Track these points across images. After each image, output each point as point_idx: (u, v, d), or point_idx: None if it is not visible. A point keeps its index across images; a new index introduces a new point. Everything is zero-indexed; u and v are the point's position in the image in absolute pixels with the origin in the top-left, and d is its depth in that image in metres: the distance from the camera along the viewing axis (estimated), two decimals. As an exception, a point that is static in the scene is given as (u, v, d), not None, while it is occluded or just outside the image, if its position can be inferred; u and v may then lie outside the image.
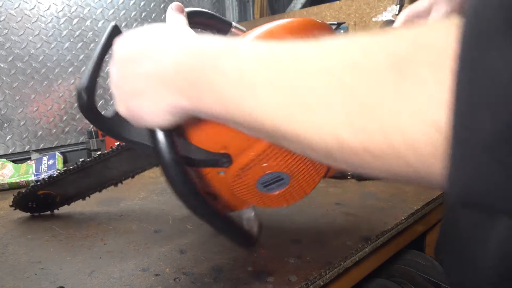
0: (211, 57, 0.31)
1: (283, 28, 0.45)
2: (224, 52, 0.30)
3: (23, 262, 0.55)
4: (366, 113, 0.21)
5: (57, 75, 1.20)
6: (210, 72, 0.30)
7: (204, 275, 0.48)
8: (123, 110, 0.39)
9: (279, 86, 0.26)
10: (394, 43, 0.22)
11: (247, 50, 0.29)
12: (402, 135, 0.20)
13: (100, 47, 0.42)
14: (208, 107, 0.31)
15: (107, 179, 0.68)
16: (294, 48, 0.27)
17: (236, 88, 0.28)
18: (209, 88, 0.30)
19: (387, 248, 0.62)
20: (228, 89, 0.29)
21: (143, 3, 1.38)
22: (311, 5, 1.33)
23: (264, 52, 0.28)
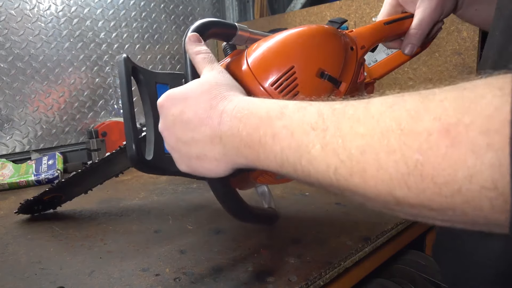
0: (263, 120, 0.32)
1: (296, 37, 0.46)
2: (277, 115, 0.32)
3: (23, 262, 0.55)
4: (422, 177, 0.22)
5: (57, 75, 1.20)
6: (264, 135, 0.32)
7: (204, 275, 0.48)
8: (184, 167, 0.41)
9: (332, 149, 0.27)
10: (440, 106, 0.22)
11: (295, 112, 0.31)
12: (459, 194, 0.21)
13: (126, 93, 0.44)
14: (265, 165, 0.33)
15: (111, 173, 0.69)
16: (340, 112, 0.28)
17: (290, 150, 0.30)
18: (264, 150, 0.32)
19: (387, 248, 0.62)
20: (283, 151, 0.30)
21: (143, 3, 1.38)
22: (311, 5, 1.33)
23: (313, 115, 0.29)
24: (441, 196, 0.22)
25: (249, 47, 0.49)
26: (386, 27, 0.56)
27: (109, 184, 0.80)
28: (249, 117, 0.34)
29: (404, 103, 0.24)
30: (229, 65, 0.49)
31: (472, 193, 0.20)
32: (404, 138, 0.23)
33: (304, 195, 0.77)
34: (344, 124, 0.27)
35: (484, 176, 0.20)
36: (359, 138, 0.25)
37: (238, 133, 0.34)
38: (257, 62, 0.45)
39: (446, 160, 0.21)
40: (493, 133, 0.19)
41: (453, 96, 0.22)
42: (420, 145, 0.22)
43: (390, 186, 0.24)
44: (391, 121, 0.24)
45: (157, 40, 1.43)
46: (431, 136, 0.22)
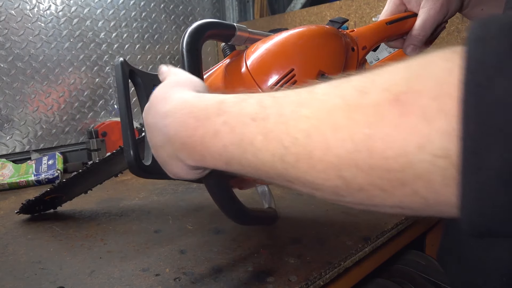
0: (201, 120, 0.31)
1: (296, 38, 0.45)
2: (216, 112, 0.30)
3: (23, 262, 0.55)
4: (370, 152, 0.21)
5: (57, 75, 1.20)
6: (205, 135, 0.31)
7: (204, 275, 0.48)
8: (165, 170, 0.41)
9: (276, 138, 0.25)
10: (389, 77, 0.21)
11: (234, 106, 0.29)
12: (410, 168, 0.20)
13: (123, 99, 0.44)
14: (213, 165, 0.32)
15: (111, 173, 0.69)
16: (282, 99, 0.27)
17: (233, 146, 0.28)
18: (207, 150, 0.31)
19: (387, 248, 0.62)
20: (226, 148, 0.29)
21: (143, 3, 1.38)
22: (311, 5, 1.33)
23: (252, 105, 0.28)
24: (391, 172, 0.20)
25: (248, 49, 0.48)
26: (388, 27, 0.56)
27: (109, 184, 0.80)
28: (188, 118, 0.32)
29: (350, 81, 0.23)
30: (228, 66, 0.49)
31: (423, 164, 0.19)
32: (351, 113, 0.22)
33: (304, 195, 0.77)
34: (286, 109, 0.26)
35: (436, 144, 0.19)
36: (303, 120, 0.24)
37: (180, 136, 0.33)
38: (256, 64, 0.45)
39: (397, 130, 0.20)
40: (446, 98, 0.18)
41: (402, 66, 0.21)
42: (368, 118, 0.21)
43: (338, 168, 0.22)
44: (337, 98, 0.23)
45: (157, 40, 1.43)
46: (379, 107, 0.21)
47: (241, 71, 0.46)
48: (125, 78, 0.44)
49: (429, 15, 0.54)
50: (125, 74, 0.45)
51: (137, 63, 1.39)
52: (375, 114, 0.21)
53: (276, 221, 0.57)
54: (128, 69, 0.46)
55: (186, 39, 0.43)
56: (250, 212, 0.47)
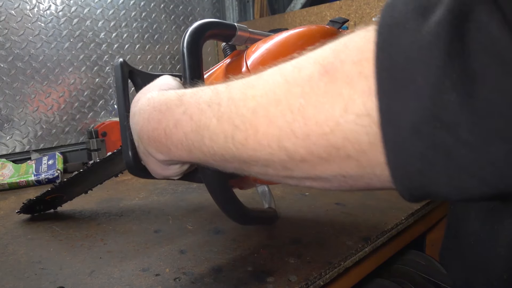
0: (164, 112, 0.33)
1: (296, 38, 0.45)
2: (176, 103, 0.32)
3: (23, 262, 0.55)
4: (304, 119, 0.23)
5: (57, 75, 1.20)
6: (167, 126, 0.33)
7: (204, 275, 0.48)
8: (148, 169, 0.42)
9: (227, 119, 0.27)
10: (320, 52, 0.24)
11: (192, 96, 0.32)
12: (339, 130, 0.21)
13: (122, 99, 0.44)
14: (178, 156, 0.34)
15: (112, 173, 0.69)
16: (233, 84, 0.29)
17: (193, 133, 0.30)
18: (170, 141, 0.33)
19: (387, 248, 0.62)
20: (187, 136, 0.31)
21: (143, 3, 1.38)
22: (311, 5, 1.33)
23: (208, 93, 0.30)
24: (324, 136, 0.22)
25: (249, 49, 0.48)
26: None
27: (109, 184, 0.80)
28: (151, 113, 0.34)
29: (290, 61, 0.26)
30: (228, 66, 0.49)
31: (350, 125, 0.21)
32: (288, 86, 0.24)
33: (304, 195, 0.77)
34: (236, 92, 0.28)
35: (358, 104, 0.20)
36: (250, 100, 0.26)
37: (146, 131, 0.35)
38: (257, 64, 0.45)
39: (325, 97, 0.22)
40: (364, 61, 0.20)
41: (333, 43, 0.24)
42: (303, 89, 0.23)
43: (279, 139, 0.24)
44: (278, 76, 0.25)
45: (157, 40, 1.43)
46: (312, 78, 0.23)
47: (242, 71, 0.46)
48: (124, 78, 0.45)
49: None
50: (125, 74, 0.45)
51: (137, 63, 1.39)
52: (308, 85, 0.23)
53: (276, 221, 0.57)
54: (128, 70, 0.46)
55: (186, 39, 0.43)
56: (250, 212, 0.47)
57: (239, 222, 0.48)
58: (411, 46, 0.18)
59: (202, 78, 0.43)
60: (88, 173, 0.68)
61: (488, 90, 0.17)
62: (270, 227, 0.61)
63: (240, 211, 0.45)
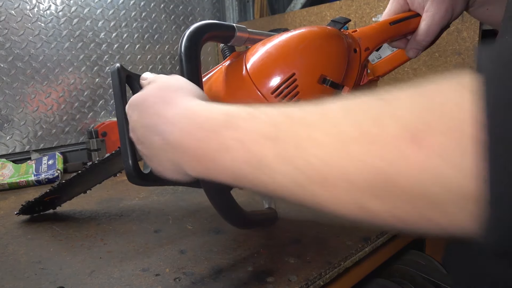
0: (212, 132, 0.30)
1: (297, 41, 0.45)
2: (225, 125, 0.30)
3: (23, 262, 0.55)
4: (388, 183, 0.21)
5: (57, 75, 1.20)
6: (210, 147, 0.30)
7: (204, 275, 0.48)
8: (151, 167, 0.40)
9: (290, 160, 0.25)
10: (405, 110, 0.21)
11: (245, 121, 0.29)
12: (429, 203, 0.20)
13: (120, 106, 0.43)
14: (217, 177, 0.31)
15: (110, 172, 0.69)
16: (295, 119, 0.26)
17: (243, 162, 0.28)
18: (213, 163, 0.30)
19: (387, 248, 0.62)
20: (234, 163, 0.28)
21: (143, 3, 1.38)
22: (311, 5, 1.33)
23: (265, 123, 0.27)
24: (414, 208, 0.21)
25: (248, 51, 0.47)
26: (392, 27, 0.54)
27: (109, 184, 0.80)
28: (194, 129, 0.32)
29: (364, 108, 0.23)
30: (227, 69, 0.48)
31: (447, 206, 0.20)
32: (367, 144, 0.22)
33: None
34: (299, 131, 0.25)
35: (460, 186, 0.19)
36: (317, 146, 0.24)
37: (182, 145, 0.33)
38: (257, 68, 0.44)
39: (415, 169, 0.20)
40: (461, 135, 0.19)
41: (412, 95, 0.22)
42: (384, 151, 0.21)
43: (357, 198, 0.23)
44: (352, 127, 0.23)
45: (157, 40, 1.43)
46: (397, 142, 0.21)
47: (241, 75, 0.45)
48: (122, 84, 0.44)
49: (433, 20, 0.53)
50: (122, 80, 0.44)
51: (137, 63, 1.39)
52: (392, 148, 0.21)
53: (276, 221, 0.56)
54: (125, 75, 0.45)
55: (184, 44, 0.42)
56: (249, 216, 0.46)
57: (238, 227, 0.47)
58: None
59: (200, 84, 0.43)
60: (88, 174, 0.68)
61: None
62: (270, 227, 0.61)
63: (239, 215, 0.45)
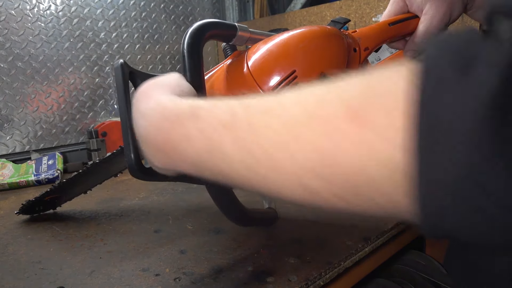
0: (176, 123, 0.32)
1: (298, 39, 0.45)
2: (188, 116, 0.31)
3: (23, 262, 0.55)
4: (329, 162, 0.22)
5: (57, 75, 1.20)
6: (174, 138, 0.32)
7: (204, 275, 0.48)
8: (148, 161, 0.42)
9: (245, 146, 0.26)
10: (348, 91, 0.23)
11: (207, 111, 0.30)
12: (366, 179, 0.21)
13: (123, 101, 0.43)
14: (181, 168, 0.33)
15: (111, 173, 0.69)
16: (252, 108, 0.28)
17: (203, 150, 0.29)
18: (175, 153, 0.32)
19: (387, 248, 0.62)
20: (196, 152, 0.30)
21: (143, 3, 1.38)
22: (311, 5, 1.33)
23: (224, 113, 0.29)
24: (349, 182, 0.22)
25: (250, 49, 0.48)
26: (391, 28, 0.55)
27: (109, 184, 0.80)
28: (161, 121, 0.33)
29: (311, 91, 0.24)
30: (229, 67, 0.48)
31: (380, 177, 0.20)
32: (310, 123, 0.23)
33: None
34: (255, 118, 0.27)
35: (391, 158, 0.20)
36: (268, 130, 0.25)
37: (149, 137, 0.34)
38: (258, 65, 0.45)
39: (354, 143, 0.21)
40: (398, 113, 0.20)
41: (360, 79, 0.23)
42: (326, 128, 0.22)
43: (300, 176, 0.23)
44: (299, 108, 0.24)
45: (157, 40, 1.43)
46: (337, 118, 0.22)
47: (243, 72, 0.45)
48: (125, 80, 0.44)
49: (431, 23, 0.53)
50: (125, 76, 0.45)
51: (137, 63, 1.39)
52: (334, 127, 0.22)
53: (276, 221, 0.56)
54: (128, 71, 0.46)
55: (187, 41, 0.43)
56: (250, 213, 0.47)
57: (239, 224, 0.48)
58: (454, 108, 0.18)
59: (202, 80, 0.43)
60: (88, 173, 0.68)
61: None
62: (270, 227, 0.61)
63: (240, 213, 0.45)
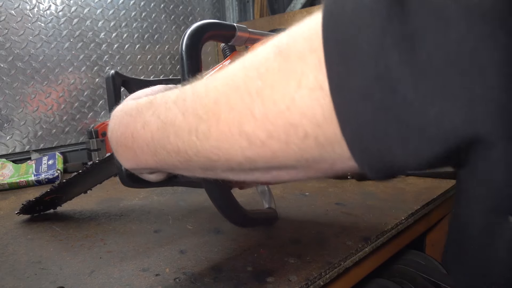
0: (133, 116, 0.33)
1: None
2: (146, 106, 0.33)
3: (23, 262, 0.55)
4: (262, 100, 0.23)
5: (57, 75, 1.20)
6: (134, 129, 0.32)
7: (204, 275, 0.48)
8: None
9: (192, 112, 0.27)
10: (277, 36, 0.24)
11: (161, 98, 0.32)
12: (295, 107, 0.22)
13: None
14: (144, 161, 0.33)
15: (111, 173, 0.69)
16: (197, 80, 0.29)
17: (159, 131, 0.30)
18: (137, 144, 0.32)
19: (387, 248, 0.62)
20: (153, 136, 0.31)
21: (143, 3, 1.38)
22: (311, 5, 1.33)
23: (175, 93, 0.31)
24: (280, 114, 0.22)
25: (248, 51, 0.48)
26: None
27: (109, 184, 0.80)
28: (122, 117, 0.35)
29: (252, 51, 0.26)
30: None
31: (303, 99, 0.21)
32: (246, 71, 0.25)
33: (304, 195, 0.77)
34: (200, 86, 0.28)
35: (310, 78, 0.21)
36: (212, 90, 0.27)
37: (115, 136, 0.35)
38: None
39: (279, 74, 0.22)
40: (314, 35, 0.21)
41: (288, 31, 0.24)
42: (259, 70, 0.23)
43: (240, 123, 0.24)
44: (238, 64, 0.26)
45: (157, 40, 1.43)
46: (267, 59, 0.23)
47: None
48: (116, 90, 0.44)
49: None
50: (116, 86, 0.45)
51: (137, 63, 1.39)
52: (264, 66, 0.23)
53: (276, 221, 0.56)
54: (121, 80, 0.45)
55: (185, 42, 0.42)
56: (249, 214, 0.47)
57: (238, 225, 0.48)
58: (353, 13, 0.19)
59: None
60: (88, 173, 0.68)
61: (426, 47, 0.17)
62: (270, 227, 0.61)
63: (239, 214, 0.45)
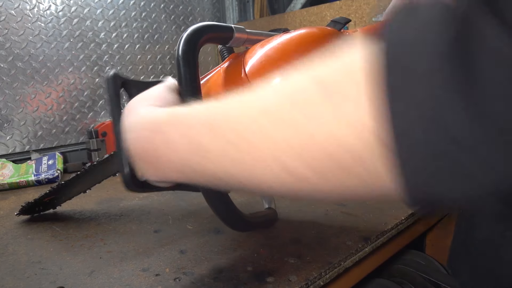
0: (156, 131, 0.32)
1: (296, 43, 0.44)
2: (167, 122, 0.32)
3: (23, 262, 0.55)
4: (303, 134, 0.23)
5: (57, 75, 1.20)
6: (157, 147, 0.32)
7: (204, 275, 0.48)
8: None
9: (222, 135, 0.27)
10: (316, 70, 0.24)
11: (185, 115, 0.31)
12: (340, 145, 0.21)
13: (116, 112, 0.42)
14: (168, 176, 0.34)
15: (110, 172, 0.69)
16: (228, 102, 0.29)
17: (185, 151, 0.30)
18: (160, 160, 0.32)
19: (387, 248, 0.62)
20: (178, 155, 0.30)
21: (143, 3, 1.38)
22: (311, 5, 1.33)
23: (201, 112, 0.30)
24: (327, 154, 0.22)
25: (247, 53, 0.47)
26: None
27: (109, 184, 0.80)
28: (141, 131, 0.34)
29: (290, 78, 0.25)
30: (225, 71, 0.48)
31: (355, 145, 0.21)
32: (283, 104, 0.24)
33: (304, 195, 0.77)
34: (231, 109, 0.27)
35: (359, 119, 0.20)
36: (245, 116, 0.26)
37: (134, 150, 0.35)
38: (255, 71, 0.44)
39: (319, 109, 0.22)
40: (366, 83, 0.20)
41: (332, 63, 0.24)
42: (300, 107, 0.23)
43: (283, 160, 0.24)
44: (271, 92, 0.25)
45: (157, 40, 1.43)
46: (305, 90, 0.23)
47: (240, 77, 0.44)
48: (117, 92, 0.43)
49: None
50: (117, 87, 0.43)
51: (137, 63, 1.39)
52: (302, 97, 0.23)
53: (276, 221, 0.56)
54: (121, 81, 0.45)
55: (181, 47, 0.42)
56: (248, 219, 0.47)
57: (236, 230, 0.48)
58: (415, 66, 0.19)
59: (198, 87, 0.42)
60: (88, 174, 0.68)
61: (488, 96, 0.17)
62: (270, 227, 0.61)
63: (238, 220, 0.45)
